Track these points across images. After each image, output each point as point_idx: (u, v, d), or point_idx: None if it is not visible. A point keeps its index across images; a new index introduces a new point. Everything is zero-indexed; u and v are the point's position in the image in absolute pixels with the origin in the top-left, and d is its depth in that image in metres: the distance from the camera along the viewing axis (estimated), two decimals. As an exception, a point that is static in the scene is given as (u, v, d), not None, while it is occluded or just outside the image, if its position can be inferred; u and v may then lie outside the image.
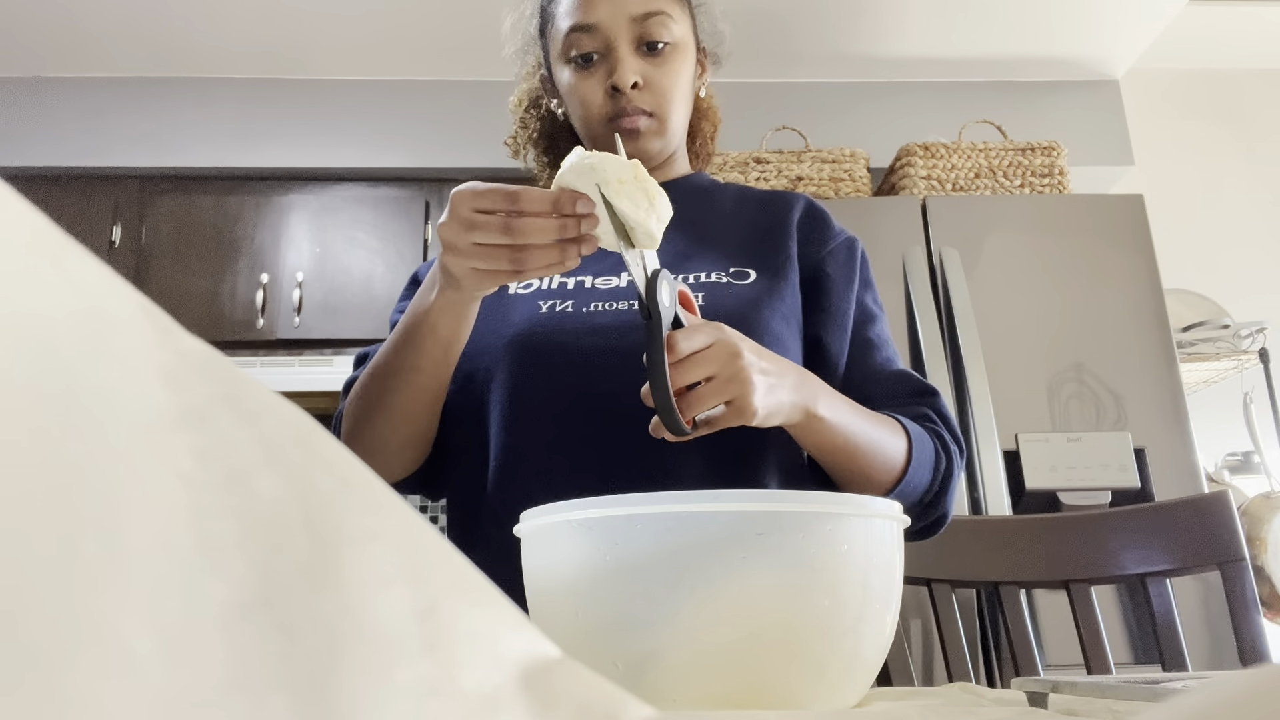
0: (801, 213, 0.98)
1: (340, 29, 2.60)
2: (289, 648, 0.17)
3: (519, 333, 0.86)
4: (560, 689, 0.22)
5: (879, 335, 0.94)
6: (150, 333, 0.19)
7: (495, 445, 0.85)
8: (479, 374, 0.87)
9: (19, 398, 0.15)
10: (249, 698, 0.16)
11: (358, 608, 0.19)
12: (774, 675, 0.45)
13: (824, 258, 0.95)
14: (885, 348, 0.93)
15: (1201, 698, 0.15)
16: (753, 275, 0.90)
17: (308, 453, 0.20)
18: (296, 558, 0.18)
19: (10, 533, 0.13)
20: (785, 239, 0.95)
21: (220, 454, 0.18)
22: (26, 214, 0.17)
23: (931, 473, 0.83)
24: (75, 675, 0.13)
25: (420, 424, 0.84)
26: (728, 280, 0.89)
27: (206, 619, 0.16)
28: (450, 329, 0.77)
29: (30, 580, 0.13)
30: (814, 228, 0.97)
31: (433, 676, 0.20)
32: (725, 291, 0.88)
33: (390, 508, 0.21)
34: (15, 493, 0.14)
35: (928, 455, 0.82)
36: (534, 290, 0.91)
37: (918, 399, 0.88)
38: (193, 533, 0.17)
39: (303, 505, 0.19)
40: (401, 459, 0.87)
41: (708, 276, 0.90)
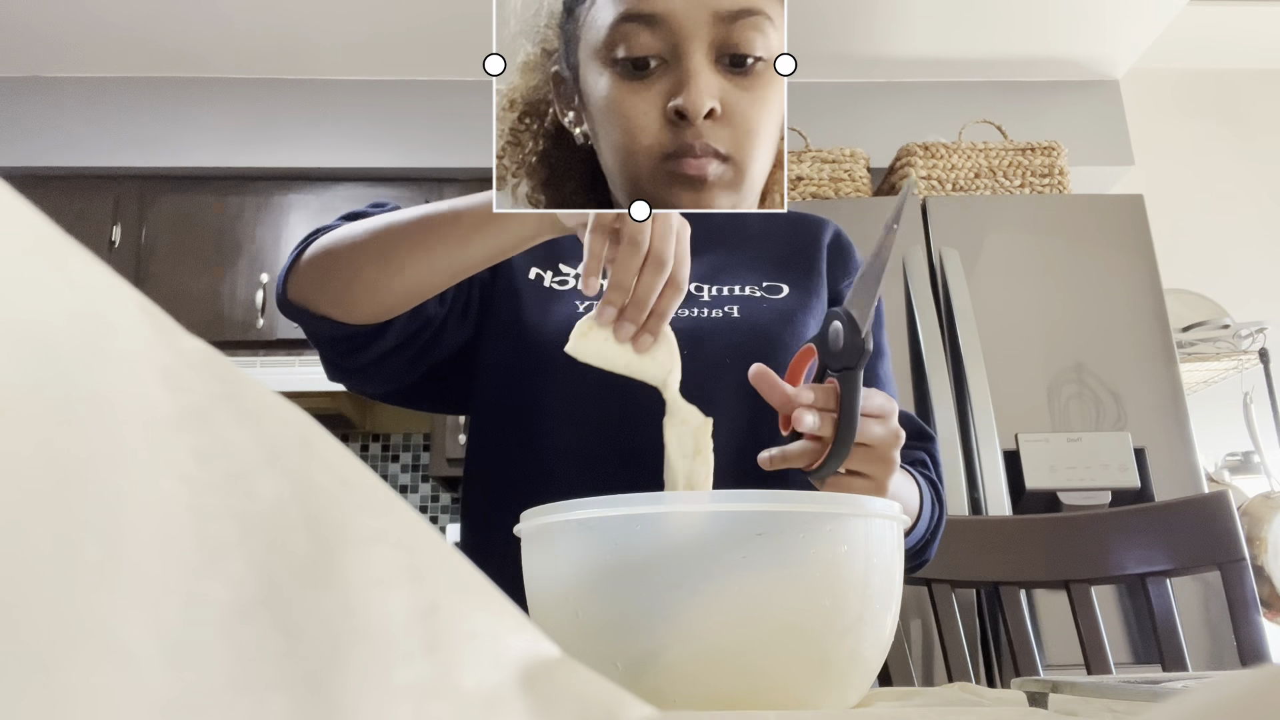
0: (831, 239, 0.97)
1: (340, 29, 2.60)
2: (289, 648, 0.17)
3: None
4: (560, 689, 0.22)
5: (884, 374, 0.93)
6: (150, 333, 0.19)
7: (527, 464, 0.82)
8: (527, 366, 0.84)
9: (19, 398, 0.15)
10: (249, 698, 0.16)
11: (358, 608, 0.19)
12: (774, 675, 0.45)
13: (845, 289, 0.94)
14: (888, 386, 0.93)
15: (1201, 698, 0.15)
16: (786, 290, 0.89)
17: (308, 453, 0.20)
18: (297, 557, 0.18)
19: (10, 533, 0.13)
20: (817, 259, 0.94)
21: (220, 454, 0.18)
22: (27, 214, 0.17)
23: (929, 523, 0.83)
24: (75, 675, 0.13)
25: (423, 284, 0.79)
26: (761, 294, 0.87)
27: (206, 619, 0.16)
28: (513, 244, 0.73)
29: (30, 581, 0.13)
30: (840, 256, 0.96)
31: (433, 676, 0.20)
32: (759, 305, 0.86)
33: (391, 508, 0.21)
34: (15, 493, 0.14)
35: (929, 509, 0.83)
36: (570, 289, 0.89)
37: (916, 442, 0.88)
38: (193, 533, 0.17)
39: (303, 505, 0.19)
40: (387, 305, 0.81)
41: (742, 289, 0.88)
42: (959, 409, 2.01)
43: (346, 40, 2.65)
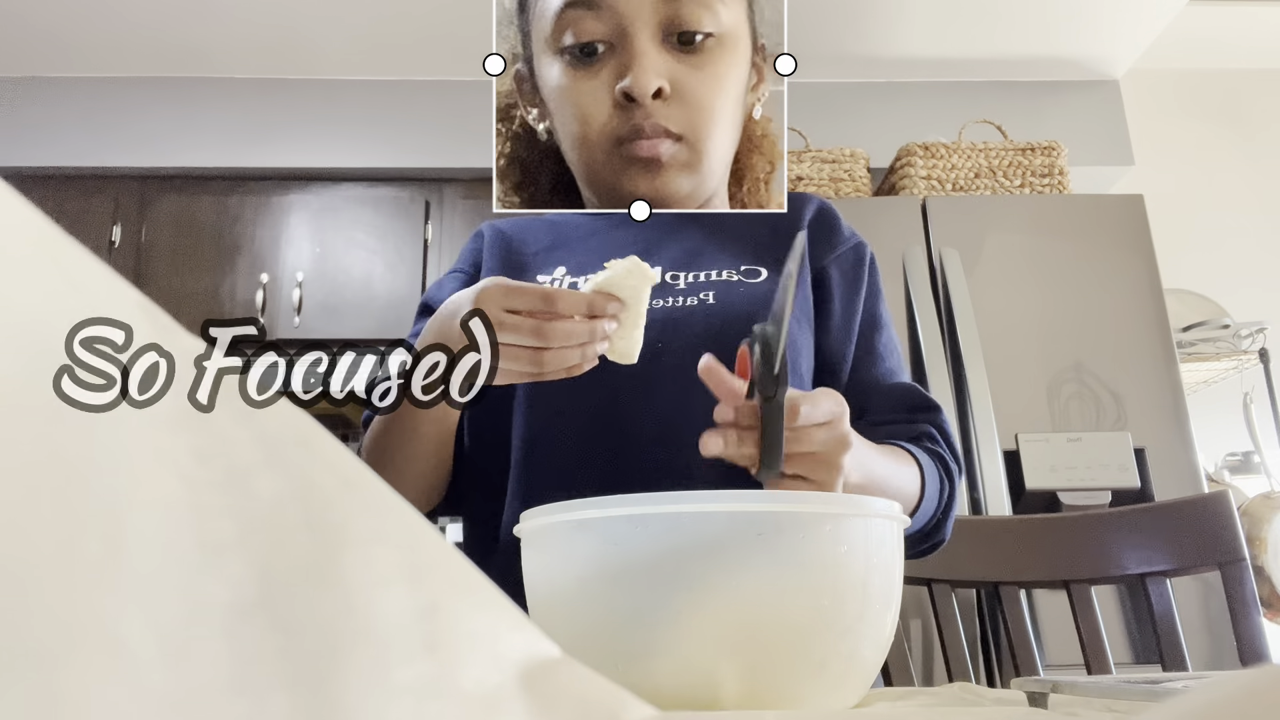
0: (813, 214, 0.92)
1: (341, 29, 2.60)
2: (289, 647, 0.17)
3: None
4: (561, 688, 0.22)
5: (884, 345, 0.90)
6: (150, 333, 0.19)
7: (516, 458, 0.81)
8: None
9: (19, 397, 0.15)
10: (249, 697, 0.16)
11: (358, 608, 0.19)
12: (774, 675, 0.45)
13: (829, 264, 0.90)
14: (890, 358, 0.90)
15: (1201, 698, 0.15)
16: (764, 274, 0.85)
17: (308, 452, 0.20)
18: (297, 557, 0.18)
19: (12, 533, 0.13)
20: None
21: (220, 453, 0.18)
22: (27, 214, 0.17)
23: (936, 502, 0.80)
24: (76, 675, 0.13)
25: (429, 476, 0.81)
26: (739, 279, 0.84)
27: (207, 619, 0.16)
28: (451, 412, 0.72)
29: (31, 580, 0.13)
30: (823, 231, 0.91)
31: (433, 676, 0.19)
32: (736, 290, 0.83)
33: (391, 508, 0.21)
34: (16, 493, 0.14)
35: (934, 488, 0.80)
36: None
37: (920, 414, 0.85)
38: (193, 532, 0.17)
39: (303, 505, 0.19)
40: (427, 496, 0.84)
41: (719, 275, 0.85)
42: (959, 409, 2.01)
43: (347, 40, 2.65)
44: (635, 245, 0.86)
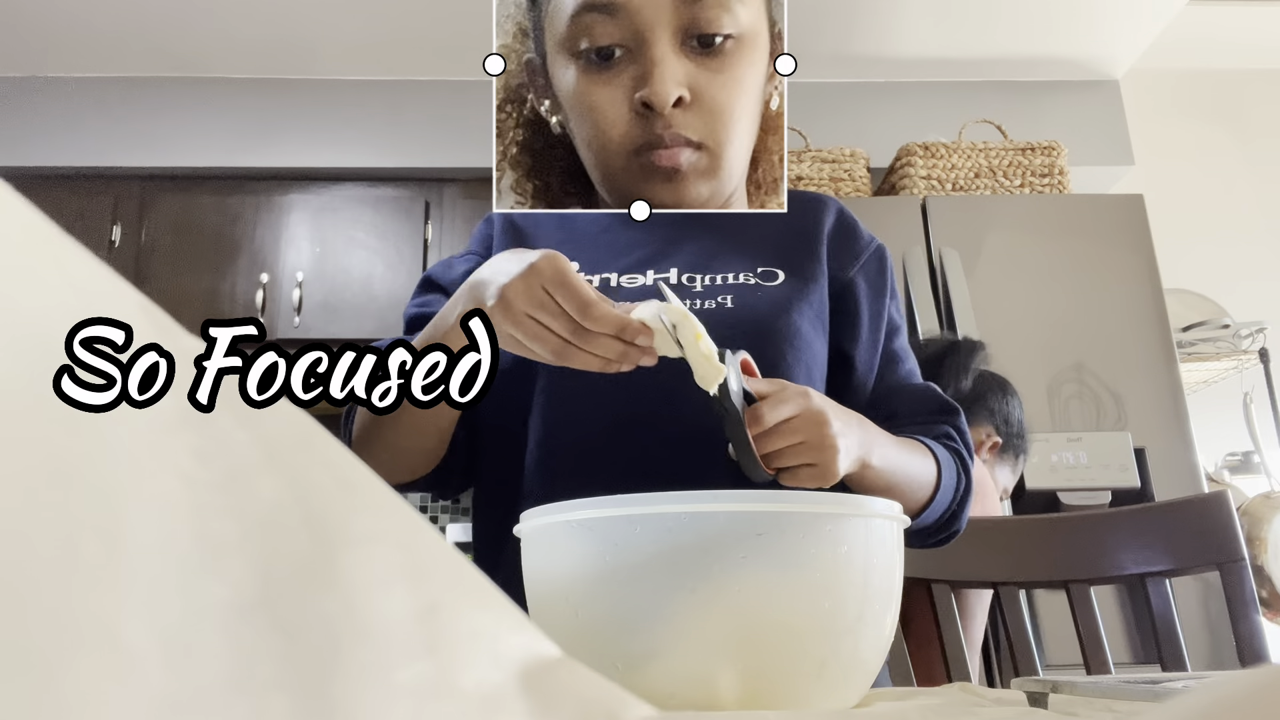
0: (833, 223, 0.91)
1: (341, 29, 2.60)
2: (289, 648, 0.17)
3: None
4: (561, 689, 0.22)
5: (903, 348, 0.91)
6: (150, 333, 0.19)
7: (532, 459, 0.80)
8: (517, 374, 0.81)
9: (20, 398, 0.15)
10: (249, 697, 0.16)
11: (358, 608, 0.19)
12: (774, 675, 0.45)
13: (855, 275, 0.89)
14: (908, 360, 0.91)
15: (1201, 698, 0.15)
16: (781, 276, 0.85)
17: (308, 453, 0.20)
18: (297, 557, 0.18)
19: (11, 533, 0.13)
20: (816, 245, 0.88)
21: (220, 454, 0.18)
22: (27, 214, 0.17)
23: (952, 495, 0.82)
24: (76, 675, 0.13)
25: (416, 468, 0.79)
26: (756, 281, 0.84)
27: (207, 619, 0.16)
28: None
29: (31, 580, 0.13)
30: (844, 240, 0.90)
31: (433, 676, 0.20)
32: (754, 293, 0.83)
33: (391, 508, 0.21)
34: (16, 491, 0.14)
35: (951, 481, 0.81)
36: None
37: (941, 416, 0.87)
38: (193, 532, 0.17)
39: (303, 505, 0.19)
40: (410, 470, 0.82)
41: (735, 277, 0.84)
42: (959, 409, 2.01)
43: (346, 40, 2.64)
44: (649, 245, 0.86)
